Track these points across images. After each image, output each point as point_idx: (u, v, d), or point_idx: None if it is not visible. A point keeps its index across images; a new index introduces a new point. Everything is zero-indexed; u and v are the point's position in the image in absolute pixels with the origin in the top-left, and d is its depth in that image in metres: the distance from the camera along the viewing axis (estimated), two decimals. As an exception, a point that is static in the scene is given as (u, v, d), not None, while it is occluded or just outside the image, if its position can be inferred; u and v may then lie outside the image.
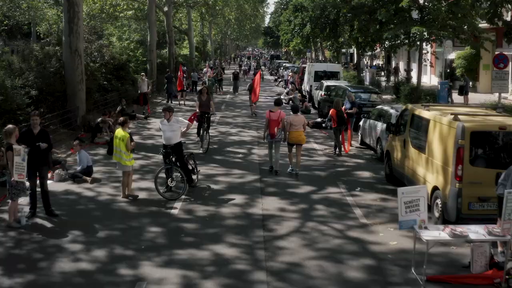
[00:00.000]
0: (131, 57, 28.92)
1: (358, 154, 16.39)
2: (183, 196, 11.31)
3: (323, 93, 25.48)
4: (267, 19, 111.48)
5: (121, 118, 11.31)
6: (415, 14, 29.05)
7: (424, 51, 35.84)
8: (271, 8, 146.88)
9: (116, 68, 25.47)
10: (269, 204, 10.96)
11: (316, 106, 27.23)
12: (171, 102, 30.37)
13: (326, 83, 26.46)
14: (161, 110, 28.02)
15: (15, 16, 44.66)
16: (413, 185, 11.19)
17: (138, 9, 41.97)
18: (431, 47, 29.99)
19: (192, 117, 16.39)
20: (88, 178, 12.68)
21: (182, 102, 29.27)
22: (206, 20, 66.22)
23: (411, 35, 27.40)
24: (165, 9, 39.14)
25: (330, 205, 11.01)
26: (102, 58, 23.52)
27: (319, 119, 22.53)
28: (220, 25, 77.76)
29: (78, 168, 13.03)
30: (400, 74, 37.25)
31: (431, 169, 10.19)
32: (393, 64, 54.44)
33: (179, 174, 11.48)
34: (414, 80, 31.30)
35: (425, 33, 25.58)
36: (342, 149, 16.36)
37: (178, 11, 48.94)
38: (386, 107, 16.31)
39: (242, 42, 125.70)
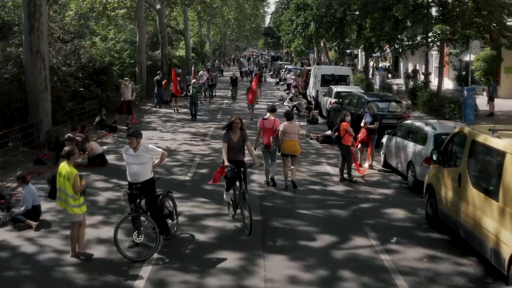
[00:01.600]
0: (115, 59, 25.73)
1: (383, 181, 13.21)
2: (155, 255, 8.16)
3: (332, 100, 22.33)
4: (267, 19, 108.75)
5: (66, 149, 8.10)
6: (434, 11, 26.02)
7: (436, 52, 32.77)
8: (271, 8, 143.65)
9: (97, 72, 22.31)
10: (274, 270, 7.77)
11: (325, 115, 24.08)
12: (160, 107, 27.34)
13: (336, 88, 23.33)
14: (149, 119, 25.42)
15: (2, 16, 41.66)
16: (474, 241, 8.07)
17: (131, 7, 38.94)
18: (454, 47, 26.71)
19: (219, 174, 9.76)
20: (32, 223, 9.50)
21: (175, 109, 26.07)
22: (204, 20, 63.11)
23: (430, 34, 24.33)
24: (158, 6, 36.08)
25: (361, 270, 7.83)
26: (78, 61, 20.37)
27: (329, 132, 19.35)
28: (219, 25, 74.72)
29: (21, 208, 9.86)
30: (419, 77, 33.76)
31: (509, 225, 7.02)
32: (401, 66, 51.39)
33: (150, 225, 8.32)
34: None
35: (448, 32, 22.50)
36: (360, 171, 13.28)
37: (173, 9, 45.85)
38: (418, 123, 13.13)
39: (242, 43, 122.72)
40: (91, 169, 13.94)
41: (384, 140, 14.67)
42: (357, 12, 35.24)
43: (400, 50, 30.96)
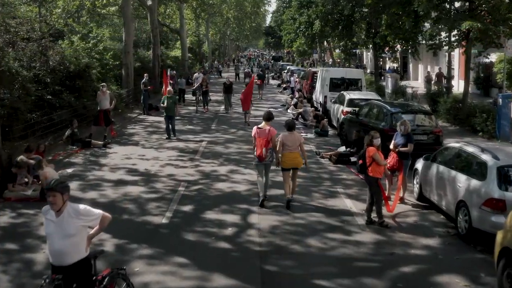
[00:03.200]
0: (95, 60, 22.57)
1: (423, 224, 10.04)
2: None
3: (345, 109, 19.23)
4: (268, 19, 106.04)
5: None
6: (457, 5, 22.92)
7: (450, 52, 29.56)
8: (273, 7, 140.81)
9: (71, 76, 19.19)
10: None
11: (335, 125, 20.96)
12: (148, 115, 24.26)
13: (349, 95, 20.19)
14: (133, 129, 22.06)
15: (-15, 14, 38.75)
16: None
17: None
18: (484, 48, 23.46)
19: None
20: None
21: None
22: (202, 19, 59.97)
23: (455, 32, 21.25)
24: (149, 3, 32.97)
25: None
26: (45, 63, 17.27)
27: (342, 148, 16.23)
28: (218, 24, 71.64)
29: None
30: (443, 82, 29.99)
31: None
32: (411, 68, 48.23)
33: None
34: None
35: (478, 30, 19.38)
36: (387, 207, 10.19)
37: (167, 6, 42.77)
38: (470, 148, 9.89)
39: (242, 42, 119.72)
40: (43, 204, 10.78)
41: (418, 165, 11.52)
42: (366, 10, 32.24)
43: (414, 50, 27.99)
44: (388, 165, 10.91)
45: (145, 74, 25.52)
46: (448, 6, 21.80)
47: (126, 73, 26.55)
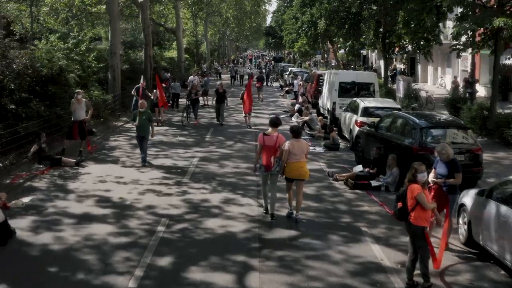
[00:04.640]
0: (75, 63, 19.95)
1: (481, 286, 7.44)
2: None
3: (359, 119, 16.69)
4: (268, 19, 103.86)
5: None
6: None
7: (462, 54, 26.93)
8: (273, 6, 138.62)
9: (43, 81, 16.62)
10: None
11: (346, 135, 18.42)
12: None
13: (363, 102, 17.57)
14: (116, 142, 18.60)
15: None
16: None
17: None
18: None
19: None
20: None
21: (156, 123, 19.72)
22: (200, 18, 57.39)
23: (481, 31, 18.72)
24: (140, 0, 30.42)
25: None
26: (7, 67, 14.69)
27: (359, 167, 13.63)
28: (217, 24, 69.09)
29: None
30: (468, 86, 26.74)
31: None
32: (419, 69, 45.62)
33: None
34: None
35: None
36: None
37: (161, 3, 40.22)
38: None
39: (242, 43, 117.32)
40: (-23, 253, 8.25)
41: (466, 200, 8.94)
42: (375, 7, 29.73)
43: (427, 50, 25.48)
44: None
45: (142, 78, 22.71)
46: (471, 1, 19.26)
47: (112, 77, 23.92)
